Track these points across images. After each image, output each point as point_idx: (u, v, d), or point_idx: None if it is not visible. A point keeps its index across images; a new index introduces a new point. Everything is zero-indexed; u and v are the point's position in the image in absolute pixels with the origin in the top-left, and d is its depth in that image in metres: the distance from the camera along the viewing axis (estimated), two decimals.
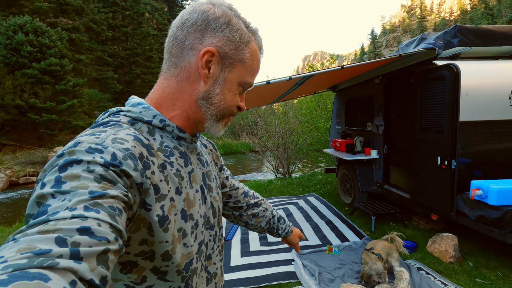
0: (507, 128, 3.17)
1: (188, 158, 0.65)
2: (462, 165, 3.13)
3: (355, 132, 5.42)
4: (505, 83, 3.19)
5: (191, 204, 0.61)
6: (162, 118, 0.61)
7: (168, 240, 0.53)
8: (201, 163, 0.71)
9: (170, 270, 0.55)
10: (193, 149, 0.69)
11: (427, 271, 2.91)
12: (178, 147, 0.64)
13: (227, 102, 0.64)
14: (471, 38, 3.48)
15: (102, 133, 0.50)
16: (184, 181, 0.61)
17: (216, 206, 0.74)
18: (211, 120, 0.64)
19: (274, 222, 1.06)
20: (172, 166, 0.59)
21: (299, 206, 5.37)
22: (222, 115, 0.65)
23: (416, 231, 3.87)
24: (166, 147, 0.60)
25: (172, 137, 0.63)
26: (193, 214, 0.61)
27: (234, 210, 0.98)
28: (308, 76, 3.34)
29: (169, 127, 0.62)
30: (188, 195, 0.61)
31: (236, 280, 2.94)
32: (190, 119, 0.64)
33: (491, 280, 2.71)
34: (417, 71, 3.61)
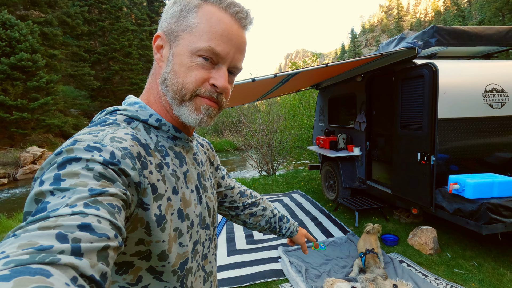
0: (480, 124, 3.32)
1: (183, 158, 0.64)
2: (440, 160, 3.26)
3: (338, 130, 5.51)
4: (479, 82, 3.35)
5: (187, 204, 0.60)
6: (159, 117, 0.60)
7: (164, 240, 0.52)
8: (197, 163, 0.70)
9: (165, 271, 0.54)
10: (188, 148, 0.68)
11: (409, 264, 3.01)
12: (173, 147, 0.62)
13: (181, 78, 0.56)
14: (448, 38, 3.62)
15: (100, 132, 0.50)
16: (180, 181, 0.60)
17: (211, 206, 0.73)
18: (174, 105, 0.58)
19: (276, 221, 1.04)
20: (169, 167, 0.58)
21: (284, 203, 5.40)
22: (181, 95, 0.57)
23: (397, 225, 4.00)
24: (162, 147, 0.59)
25: (167, 137, 0.62)
26: (189, 214, 0.60)
27: (230, 210, 0.96)
28: (293, 74, 3.34)
29: (165, 127, 0.61)
30: (184, 195, 0.60)
31: (223, 280, 2.91)
32: (168, 111, 0.61)
33: (468, 270, 2.84)
34: (397, 69, 3.71)
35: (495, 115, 3.33)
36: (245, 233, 4.10)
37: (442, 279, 2.71)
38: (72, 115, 20.66)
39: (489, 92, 3.33)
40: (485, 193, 2.82)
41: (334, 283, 2.43)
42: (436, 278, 2.72)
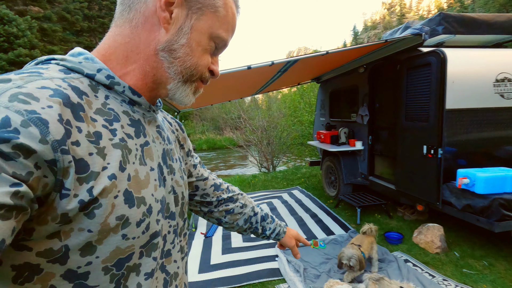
0: (491, 116, 3.13)
1: (142, 128, 0.53)
2: (448, 154, 3.07)
3: (339, 124, 5.31)
4: (490, 70, 3.15)
5: (141, 184, 0.48)
6: (110, 74, 0.48)
7: (92, 230, 0.41)
8: (162, 137, 0.60)
9: (93, 269, 0.42)
10: (151, 119, 0.57)
11: (414, 263, 2.83)
12: (130, 112, 0.51)
13: (196, 58, 0.53)
14: (455, 26, 3.40)
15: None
16: (132, 155, 0.48)
17: (179, 192, 0.62)
18: (175, 80, 0.53)
19: (257, 221, 0.91)
20: (114, 135, 0.46)
21: (283, 199, 5.22)
22: (189, 74, 0.53)
23: (401, 222, 3.82)
24: (111, 109, 0.48)
25: (122, 100, 0.51)
26: (145, 198, 0.48)
27: (202, 206, 0.84)
28: (292, 62, 3.15)
29: (118, 87, 0.49)
30: (138, 173, 0.48)
31: (216, 280, 2.74)
32: (148, 77, 0.52)
33: (478, 270, 2.66)
34: (402, 58, 3.51)
35: (506, 105, 3.13)
36: None
37: (450, 280, 2.53)
38: None
39: (500, 81, 3.13)
40: (497, 188, 2.63)
41: (335, 285, 2.25)
42: (444, 279, 2.54)
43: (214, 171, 12.44)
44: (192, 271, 2.92)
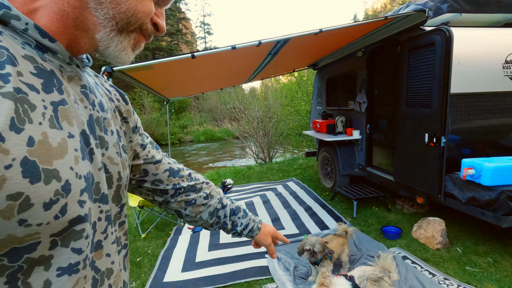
0: (499, 101, 2.88)
1: (58, 83, 0.41)
2: (452, 142, 2.83)
3: (336, 112, 5.06)
4: (499, 51, 2.88)
5: (53, 153, 0.37)
6: (3, 2, 0.36)
7: None
8: (89, 101, 0.48)
9: None
10: (73, 75, 0.45)
11: (413, 260, 2.62)
12: (36, 59, 0.39)
13: (133, 2, 0.43)
14: (462, 4, 3.11)
15: None
16: (36, 112, 0.36)
17: (113, 171, 0.51)
18: (106, 28, 0.43)
19: (226, 215, 0.79)
20: (6, 81, 0.33)
21: (277, 192, 5.01)
22: (125, 21, 0.43)
23: (400, 216, 3.61)
24: (3, 48, 0.35)
25: (24, 42, 0.38)
26: (60, 171, 0.37)
27: (155, 195, 0.70)
28: (283, 42, 2.87)
29: (17, 22, 0.37)
30: (47, 138, 0.36)
31: (200, 279, 2.54)
32: (68, 19, 0.41)
33: (482, 268, 2.46)
34: (403, 39, 3.23)
35: None
36: None
37: (452, 279, 2.32)
38: None
39: (510, 62, 2.87)
40: (506, 179, 2.39)
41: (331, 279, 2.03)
42: (445, 278, 2.33)
43: (212, 162, 12.25)
44: (175, 270, 2.72)
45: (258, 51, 2.90)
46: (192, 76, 3.69)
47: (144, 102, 19.89)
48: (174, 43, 39.77)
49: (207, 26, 51.22)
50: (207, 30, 51.14)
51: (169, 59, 2.49)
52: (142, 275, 2.72)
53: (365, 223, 3.47)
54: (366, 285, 1.81)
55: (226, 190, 5.41)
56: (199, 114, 26.29)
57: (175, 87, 4.28)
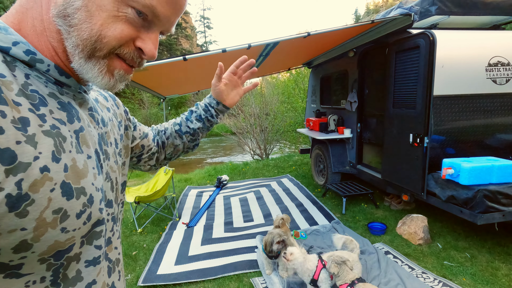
0: (482, 102, 2.97)
1: (75, 112, 0.47)
2: (435, 142, 2.94)
3: (329, 110, 5.16)
4: (483, 54, 2.96)
5: (80, 174, 0.44)
6: (30, 49, 0.41)
7: (26, 228, 0.37)
8: (95, 121, 0.54)
9: (28, 262, 0.39)
10: (82, 101, 0.51)
11: (395, 255, 2.75)
12: (57, 95, 0.45)
13: (98, 26, 0.42)
14: (450, 6, 3.19)
15: None
16: (67, 143, 0.43)
17: (113, 178, 0.58)
18: (75, 56, 0.43)
19: (183, 122, 0.86)
20: (44, 121, 0.41)
21: (271, 188, 5.14)
22: (92, 48, 0.43)
23: (387, 212, 3.73)
24: (34, 92, 0.41)
25: (47, 80, 0.44)
26: (85, 188, 0.45)
27: (150, 160, 0.82)
28: (272, 45, 2.96)
29: (41, 65, 0.42)
30: (76, 162, 0.44)
31: (192, 272, 2.68)
32: (57, 52, 0.44)
33: (459, 262, 2.59)
34: (391, 41, 3.32)
35: (498, 92, 2.98)
36: (224, 221, 3.86)
37: (430, 272, 2.46)
38: None
39: (493, 65, 2.96)
40: (483, 178, 2.51)
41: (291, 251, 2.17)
42: (423, 272, 2.47)
43: (209, 158, 12.38)
44: (169, 263, 2.85)
45: (248, 53, 2.99)
46: (186, 76, 3.77)
47: (143, 97, 19.95)
48: (174, 37, 39.56)
49: (207, 20, 50.84)
50: (207, 24, 50.78)
51: (161, 62, 2.58)
52: (137, 268, 2.85)
53: (353, 219, 3.59)
54: (330, 266, 1.97)
55: (222, 186, 5.54)
56: None
57: (170, 86, 4.37)
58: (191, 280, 2.56)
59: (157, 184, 4.39)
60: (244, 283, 2.48)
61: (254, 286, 2.43)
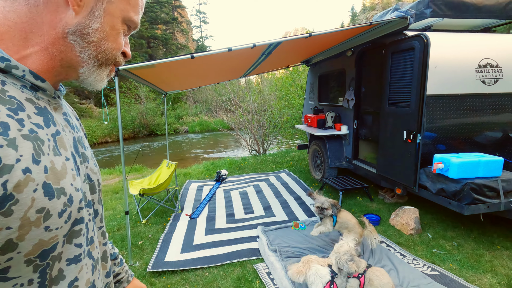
0: (471, 102, 3.16)
1: (51, 117, 0.50)
2: (427, 139, 3.12)
3: (327, 108, 5.32)
4: (473, 56, 3.14)
5: (59, 175, 0.47)
6: (4, 56, 0.44)
7: (11, 226, 0.39)
8: (70, 125, 0.57)
9: (15, 264, 0.41)
10: (57, 106, 0.54)
11: (388, 244, 2.94)
12: (33, 100, 0.48)
13: (111, 42, 0.53)
14: (443, 9, 3.35)
15: None
16: (45, 146, 0.46)
17: (94, 179, 0.62)
18: (89, 64, 0.53)
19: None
20: (23, 126, 0.43)
21: (270, 182, 5.30)
22: (105, 59, 0.54)
23: (381, 205, 3.93)
24: (12, 97, 0.44)
25: (22, 86, 0.47)
26: (65, 188, 0.47)
27: None
28: (275, 44, 3.10)
29: (16, 70, 0.45)
30: (54, 164, 0.46)
31: (198, 259, 2.83)
32: (55, 61, 0.50)
33: (447, 250, 2.79)
34: (388, 42, 3.47)
35: (487, 92, 3.16)
36: (226, 212, 4.02)
37: (420, 259, 2.65)
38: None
39: (482, 67, 3.14)
40: (470, 172, 2.70)
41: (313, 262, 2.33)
42: (414, 259, 2.66)
43: (207, 153, 12.48)
44: (175, 251, 3.00)
45: (252, 51, 3.12)
46: (190, 72, 3.89)
47: (140, 92, 19.86)
48: (169, 31, 39.21)
49: (203, 15, 50.44)
50: (203, 19, 50.38)
51: (170, 60, 2.70)
52: (144, 256, 3.00)
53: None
54: (349, 266, 2.10)
55: (221, 180, 5.68)
56: (195, 104, 26.29)
57: (174, 82, 4.47)
58: (198, 266, 2.71)
59: (160, 178, 4.52)
60: (247, 269, 2.65)
61: (257, 271, 2.60)
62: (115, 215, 4.21)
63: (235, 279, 2.51)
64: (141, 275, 2.66)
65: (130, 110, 19.04)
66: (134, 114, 18.88)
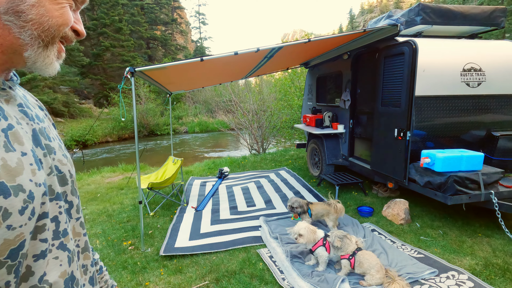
0: (457, 103, 3.43)
1: (1, 111, 0.46)
2: (416, 136, 3.39)
3: (324, 108, 5.59)
4: (458, 60, 3.42)
5: (14, 172, 0.44)
6: None
7: None
8: (28, 117, 0.53)
9: None
10: (8, 97, 0.50)
11: (380, 232, 3.21)
12: None
13: (54, 17, 0.48)
14: (433, 17, 3.64)
15: None
16: None
17: (65, 170, 0.59)
18: (34, 46, 0.47)
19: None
20: None
21: (270, 179, 5.56)
22: (50, 36, 0.48)
23: (374, 199, 4.20)
24: None
25: None
26: (23, 185, 0.45)
27: None
28: (277, 49, 3.36)
29: None
30: (6, 161, 0.43)
31: (205, 245, 3.08)
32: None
33: (433, 238, 3.06)
34: (381, 47, 3.75)
35: (471, 93, 3.44)
36: (229, 205, 4.27)
37: (408, 245, 2.92)
38: (61, 92, 20.22)
39: (467, 71, 3.42)
40: (454, 166, 2.98)
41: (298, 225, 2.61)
42: (402, 244, 2.93)
43: (207, 153, 12.73)
44: (184, 238, 3.25)
45: (256, 55, 3.38)
46: (196, 74, 4.14)
47: (140, 92, 20.05)
48: (169, 32, 39.44)
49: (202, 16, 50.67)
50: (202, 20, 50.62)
51: (181, 62, 2.95)
52: (155, 243, 3.24)
53: (345, 205, 4.03)
54: (334, 240, 2.40)
55: (224, 177, 5.93)
56: (194, 105, 26.52)
57: (180, 83, 4.72)
58: (205, 251, 2.96)
59: (166, 173, 4.77)
60: (251, 254, 2.90)
61: (260, 255, 2.85)
62: (124, 208, 4.44)
63: (240, 261, 2.76)
64: (154, 259, 2.90)
65: (130, 110, 19.24)
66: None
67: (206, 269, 2.66)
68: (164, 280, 2.56)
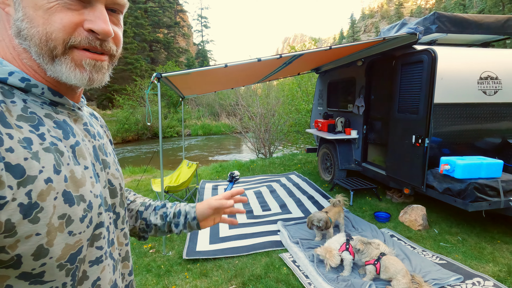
0: (474, 110, 3.48)
1: (70, 129, 0.52)
2: (434, 143, 3.43)
3: (336, 113, 5.64)
4: (475, 69, 3.48)
5: (79, 183, 0.49)
6: (25, 76, 0.46)
7: (40, 233, 0.42)
8: (91, 135, 0.59)
9: (48, 269, 0.44)
10: (76, 117, 0.56)
11: (399, 238, 3.24)
12: (52, 114, 0.50)
13: (42, 25, 0.44)
14: (448, 25, 3.70)
15: None
16: (65, 157, 0.48)
17: (116, 184, 0.64)
18: (45, 64, 0.47)
19: (155, 211, 0.83)
20: (44, 139, 0.45)
21: (281, 183, 5.59)
22: (49, 49, 0.45)
23: (389, 204, 4.23)
24: (33, 113, 0.46)
25: (42, 103, 0.49)
26: (84, 195, 0.49)
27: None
28: (298, 55, 3.42)
29: (36, 89, 0.48)
30: (74, 173, 0.48)
31: (226, 249, 3.10)
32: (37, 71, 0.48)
33: (452, 244, 3.09)
34: (397, 54, 3.81)
35: (488, 101, 3.49)
36: (245, 209, 4.29)
37: (428, 250, 2.95)
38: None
39: (484, 79, 3.48)
40: (473, 173, 3.01)
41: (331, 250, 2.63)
42: (423, 250, 2.96)
43: (211, 156, 12.76)
44: (204, 242, 3.27)
45: (278, 62, 3.44)
46: (213, 79, 4.20)
47: (144, 95, 20.12)
48: (171, 35, 39.71)
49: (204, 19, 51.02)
50: (204, 23, 50.96)
51: (206, 68, 3.01)
52: (175, 246, 3.26)
53: (360, 210, 4.08)
54: (357, 243, 2.43)
55: (234, 181, 5.96)
56: (197, 108, 26.61)
57: (196, 87, 4.78)
58: (227, 255, 2.99)
59: (180, 177, 4.81)
60: (273, 258, 2.93)
61: (283, 259, 2.88)
62: None
63: (264, 266, 2.79)
64: (177, 262, 2.93)
65: (134, 112, 19.30)
66: (138, 116, 19.13)
67: (231, 273, 2.69)
68: (190, 283, 2.58)
